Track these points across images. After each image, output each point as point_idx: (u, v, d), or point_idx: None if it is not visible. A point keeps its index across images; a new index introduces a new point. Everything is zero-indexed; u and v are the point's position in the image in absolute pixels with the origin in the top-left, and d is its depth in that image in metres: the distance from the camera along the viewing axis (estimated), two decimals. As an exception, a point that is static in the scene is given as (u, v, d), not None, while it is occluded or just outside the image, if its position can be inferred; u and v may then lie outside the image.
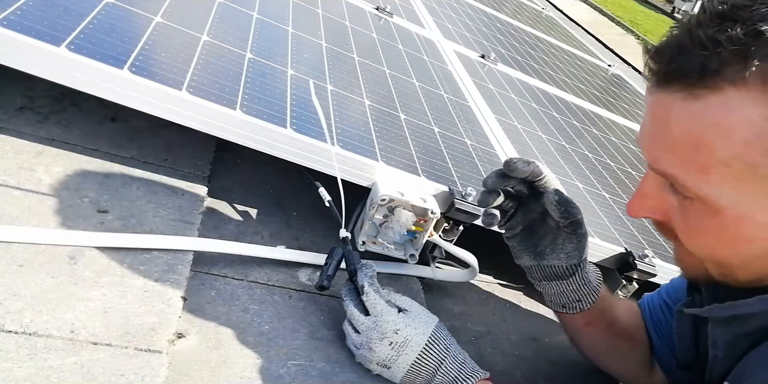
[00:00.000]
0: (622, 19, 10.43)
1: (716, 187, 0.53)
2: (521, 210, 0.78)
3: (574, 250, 0.75)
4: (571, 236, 0.75)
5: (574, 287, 0.78)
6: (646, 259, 1.04)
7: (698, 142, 0.52)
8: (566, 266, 0.76)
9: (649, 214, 0.61)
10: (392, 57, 1.47)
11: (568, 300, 0.79)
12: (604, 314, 0.82)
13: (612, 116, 2.01)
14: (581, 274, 0.77)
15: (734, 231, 0.55)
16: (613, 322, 0.83)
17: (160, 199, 0.84)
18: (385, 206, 0.88)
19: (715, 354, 0.65)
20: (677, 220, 0.59)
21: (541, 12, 3.51)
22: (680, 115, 0.52)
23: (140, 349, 0.62)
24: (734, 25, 0.48)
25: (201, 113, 0.83)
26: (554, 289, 0.79)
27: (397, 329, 0.71)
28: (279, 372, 0.69)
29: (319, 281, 0.78)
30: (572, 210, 0.73)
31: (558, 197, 0.73)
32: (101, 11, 0.91)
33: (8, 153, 0.79)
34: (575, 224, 0.74)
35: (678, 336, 0.74)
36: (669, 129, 0.53)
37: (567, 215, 0.73)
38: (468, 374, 0.72)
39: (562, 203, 0.73)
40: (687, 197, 0.56)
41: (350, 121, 1.02)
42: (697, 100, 0.51)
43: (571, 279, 0.77)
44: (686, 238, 0.59)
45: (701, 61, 0.50)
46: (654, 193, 0.60)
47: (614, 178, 1.42)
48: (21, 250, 0.67)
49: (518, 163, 0.73)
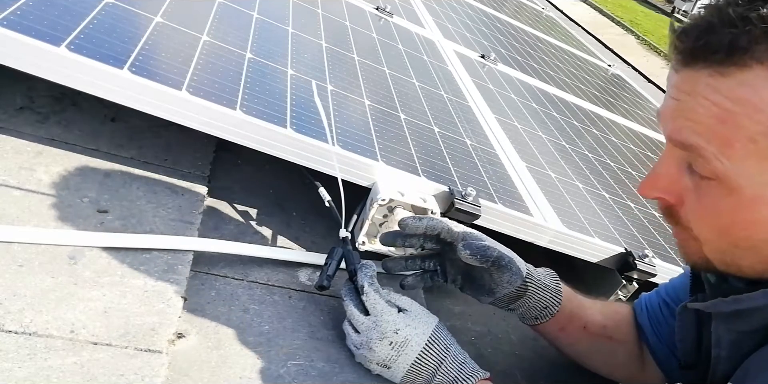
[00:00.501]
0: (622, 19, 10.43)
1: (737, 163, 0.52)
2: (447, 263, 0.83)
3: (513, 276, 0.78)
4: (500, 268, 0.78)
5: (536, 298, 0.80)
6: (646, 259, 1.04)
7: (725, 117, 0.51)
8: (515, 289, 0.79)
9: (662, 194, 0.60)
10: (392, 57, 1.47)
11: (537, 311, 0.81)
12: (575, 316, 0.83)
13: (612, 116, 2.01)
14: (535, 285, 0.80)
15: (749, 212, 0.54)
16: (588, 323, 0.84)
17: (160, 199, 0.84)
18: (385, 206, 0.88)
19: (718, 353, 0.64)
20: (690, 201, 0.58)
21: (541, 12, 3.51)
22: (707, 90, 0.52)
23: (140, 349, 0.62)
24: (765, 3, 0.48)
25: (201, 113, 0.83)
26: (522, 307, 0.81)
27: (397, 329, 0.71)
28: (279, 372, 0.69)
29: (319, 281, 0.78)
30: (487, 252, 0.77)
31: (468, 250, 0.76)
32: (101, 11, 0.91)
33: (8, 153, 0.79)
34: (497, 260, 0.77)
35: (680, 336, 0.73)
36: (695, 102, 0.53)
37: (486, 259, 0.76)
38: (468, 374, 0.72)
39: (474, 253, 0.76)
40: (704, 177, 0.55)
41: (350, 121, 1.02)
42: (725, 77, 0.50)
43: (528, 293, 0.80)
44: (697, 220, 0.58)
45: (730, 39, 0.49)
46: (669, 173, 0.59)
47: (614, 178, 1.42)
48: (21, 250, 0.67)
49: (408, 221, 0.78)
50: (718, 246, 0.58)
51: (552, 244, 1.01)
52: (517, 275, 0.78)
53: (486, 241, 0.78)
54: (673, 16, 12.12)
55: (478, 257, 0.76)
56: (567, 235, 1.01)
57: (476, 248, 0.76)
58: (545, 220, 1.02)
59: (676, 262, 1.12)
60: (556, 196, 1.14)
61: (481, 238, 0.79)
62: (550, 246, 1.02)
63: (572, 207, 1.13)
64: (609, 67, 2.82)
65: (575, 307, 0.83)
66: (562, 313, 0.82)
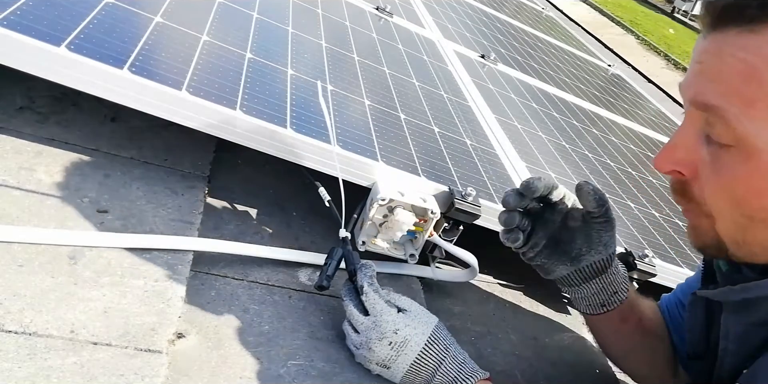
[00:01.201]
0: (622, 19, 10.43)
1: (758, 125, 0.51)
2: (538, 225, 0.78)
3: (611, 238, 0.75)
4: (604, 224, 0.75)
5: (611, 279, 0.77)
6: (646, 259, 1.04)
7: (750, 73, 0.51)
8: (605, 258, 0.76)
9: (678, 166, 0.59)
10: (392, 57, 1.47)
11: (606, 296, 0.78)
12: (634, 308, 0.81)
13: (612, 116, 2.01)
14: (614, 263, 0.77)
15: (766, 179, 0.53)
16: (643, 317, 0.82)
17: (160, 199, 0.84)
18: (385, 206, 0.88)
19: (725, 346, 0.64)
20: (706, 173, 0.57)
21: (541, 12, 3.50)
22: (734, 48, 0.52)
23: (140, 349, 0.62)
24: None
25: (201, 113, 0.83)
26: (592, 289, 0.78)
27: (396, 329, 0.72)
28: (279, 372, 0.69)
29: (319, 281, 0.78)
30: (604, 197, 0.73)
31: (592, 186, 0.73)
32: (101, 11, 0.91)
33: (8, 153, 0.79)
34: (607, 212, 0.74)
35: (689, 325, 0.73)
36: (720, 60, 0.53)
37: (602, 202, 0.73)
38: (468, 374, 0.72)
39: (596, 191, 0.73)
40: (723, 146, 0.54)
41: (350, 121, 1.02)
42: (754, 34, 0.50)
43: (608, 271, 0.77)
44: (712, 192, 0.57)
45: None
46: (685, 144, 0.58)
47: (614, 178, 1.42)
48: (21, 250, 0.67)
49: (536, 183, 0.73)
50: (732, 219, 0.57)
51: (552, 244, 1.01)
52: (614, 239, 0.75)
53: None
54: (673, 16, 12.12)
55: (598, 198, 0.72)
56: (567, 235, 1.01)
57: (597, 189, 0.73)
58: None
59: (676, 262, 1.12)
60: (556, 196, 1.14)
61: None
62: (550, 246, 1.01)
63: (572, 207, 1.13)
64: (609, 67, 2.82)
65: (633, 299, 0.81)
66: (625, 304, 0.79)
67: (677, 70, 8.74)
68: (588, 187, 0.73)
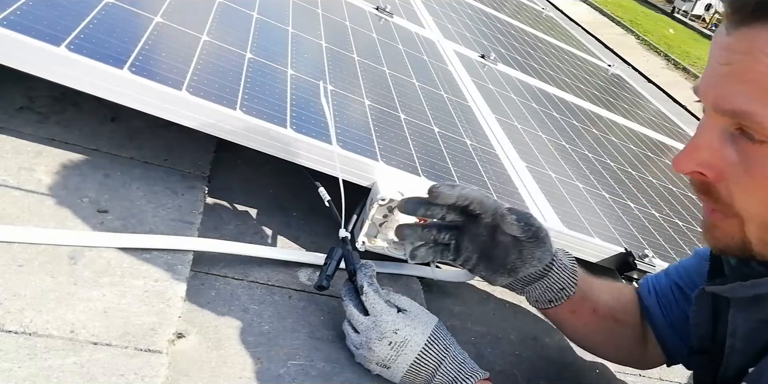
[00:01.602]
0: (622, 19, 10.44)
1: None
2: (466, 238, 0.78)
3: (545, 253, 0.75)
4: (535, 242, 0.75)
5: (555, 278, 0.78)
6: (646, 259, 1.04)
7: None
8: (543, 268, 0.77)
9: (701, 168, 0.56)
10: (392, 57, 1.47)
11: (552, 293, 0.79)
12: (586, 298, 0.81)
13: (612, 116, 2.01)
14: (558, 265, 0.78)
15: None
16: (598, 306, 0.82)
17: (160, 199, 0.84)
18: (385, 206, 0.88)
19: (733, 343, 0.63)
20: (734, 174, 0.55)
21: (541, 12, 3.50)
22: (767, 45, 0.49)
23: (140, 349, 0.62)
24: None
25: (201, 113, 0.83)
26: (538, 290, 0.79)
27: (396, 329, 0.71)
28: (279, 372, 0.69)
29: (319, 281, 0.78)
30: (530, 220, 0.73)
31: (515, 215, 0.73)
32: (101, 11, 0.91)
33: (8, 153, 0.79)
34: (537, 231, 0.74)
35: (695, 321, 0.72)
36: (753, 59, 0.50)
37: (528, 228, 0.73)
38: (467, 374, 0.72)
39: (520, 219, 0.73)
40: (756, 141, 0.52)
41: (350, 121, 1.02)
42: None
43: (550, 273, 0.77)
44: (743, 192, 0.55)
45: None
46: (710, 145, 0.55)
47: (614, 178, 1.42)
48: (21, 250, 0.67)
49: (441, 189, 0.72)
50: (764, 219, 0.55)
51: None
52: (549, 252, 0.75)
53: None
54: (674, 16, 12.12)
55: (523, 224, 0.72)
56: (567, 235, 1.01)
57: (522, 215, 0.73)
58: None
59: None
60: (556, 196, 1.14)
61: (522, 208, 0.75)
62: (550, 246, 1.01)
63: (572, 207, 1.13)
64: (609, 67, 2.82)
65: (587, 288, 0.81)
66: (575, 296, 0.79)
67: (677, 70, 8.75)
68: (510, 218, 0.72)
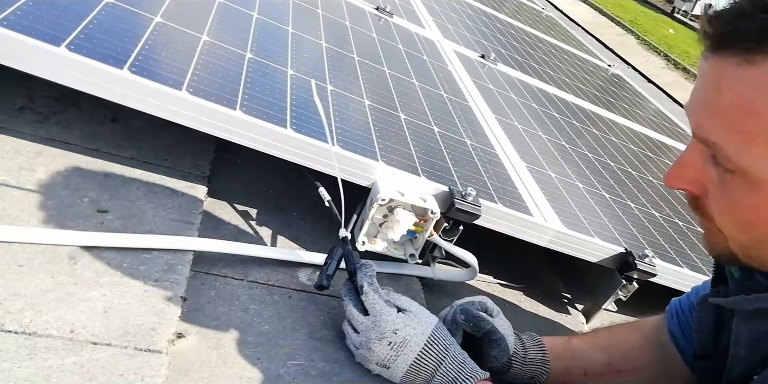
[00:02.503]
0: (622, 19, 10.43)
1: (759, 158, 0.51)
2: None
3: (500, 353, 0.80)
4: (490, 343, 0.79)
5: (522, 373, 0.82)
6: (646, 259, 1.04)
7: (747, 108, 0.50)
8: (500, 365, 0.80)
9: (686, 185, 0.59)
10: (392, 57, 1.47)
11: (525, 380, 0.83)
12: (571, 368, 0.84)
13: (612, 116, 2.01)
14: (520, 362, 0.81)
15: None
16: (588, 368, 0.85)
17: (160, 199, 0.84)
18: (385, 206, 0.88)
19: (737, 351, 0.63)
20: (714, 194, 0.57)
21: (541, 12, 3.50)
22: (732, 80, 0.50)
23: (140, 349, 0.62)
24: None
25: (201, 113, 0.83)
26: (510, 378, 0.82)
27: (396, 329, 0.71)
28: (279, 372, 0.69)
29: (319, 280, 0.78)
30: (480, 323, 0.79)
31: (464, 316, 0.79)
32: (101, 11, 0.91)
33: (8, 153, 0.79)
34: (488, 333, 0.79)
35: (697, 326, 0.73)
36: (719, 93, 0.52)
37: (477, 330, 0.79)
38: (467, 374, 0.72)
39: (468, 319, 0.79)
40: (727, 170, 0.54)
41: (350, 121, 1.02)
42: (753, 66, 0.49)
43: (511, 371, 0.81)
44: (720, 214, 0.57)
45: (761, 26, 0.48)
46: (694, 164, 0.57)
47: (614, 178, 1.42)
48: (21, 250, 0.67)
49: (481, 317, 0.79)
50: (741, 241, 0.57)
51: (552, 244, 1.01)
52: (504, 353, 0.80)
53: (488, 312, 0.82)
54: (674, 16, 12.12)
55: (471, 325, 0.79)
56: (567, 235, 1.01)
57: (472, 316, 0.79)
58: (545, 220, 1.02)
59: (676, 262, 1.12)
60: (556, 196, 1.14)
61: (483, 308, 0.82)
62: (550, 246, 1.02)
63: (572, 207, 1.13)
64: (609, 67, 2.82)
65: (569, 359, 0.84)
66: (556, 372, 0.83)
67: (677, 70, 8.74)
68: (460, 317, 0.80)
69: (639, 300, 1.03)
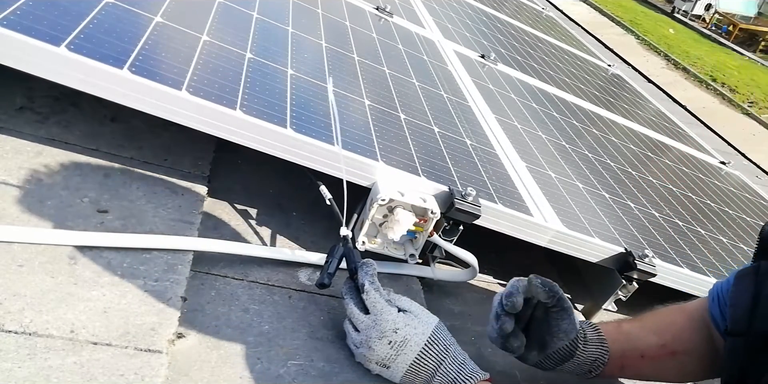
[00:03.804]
0: (622, 19, 10.42)
1: None
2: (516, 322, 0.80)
3: (570, 324, 0.78)
4: (560, 312, 0.77)
5: (585, 356, 0.80)
6: (646, 259, 1.04)
7: None
8: (568, 345, 0.78)
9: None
10: (392, 57, 1.47)
11: (588, 365, 0.81)
12: (627, 351, 0.83)
13: (612, 116, 2.01)
14: (583, 344, 0.79)
15: None
16: (644, 351, 0.84)
17: (160, 199, 0.84)
18: (385, 206, 0.88)
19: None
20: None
21: (541, 12, 3.50)
22: None
23: (140, 349, 0.62)
24: None
25: (201, 113, 0.83)
26: (571, 366, 0.80)
27: (396, 328, 0.71)
28: (279, 372, 0.69)
29: (320, 279, 0.78)
30: (555, 288, 0.77)
31: (540, 280, 0.76)
32: (101, 11, 0.91)
33: (8, 153, 0.79)
34: (561, 300, 0.77)
35: (733, 301, 0.73)
36: None
37: (553, 294, 0.76)
38: (468, 375, 0.72)
39: (545, 284, 0.76)
40: None
41: (350, 120, 1.02)
42: None
43: (577, 352, 0.79)
44: None
45: None
46: None
47: (614, 178, 1.42)
48: (21, 250, 0.67)
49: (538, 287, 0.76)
50: None
51: (552, 244, 1.01)
52: (573, 325, 0.78)
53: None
54: (674, 16, 12.10)
55: (547, 289, 0.76)
56: (567, 235, 1.01)
57: (547, 282, 0.77)
58: (545, 220, 1.02)
59: (676, 262, 1.12)
60: (556, 196, 1.14)
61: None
62: (550, 246, 1.02)
63: (572, 207, 1.13)
64: (609, 67, 2.82)
65: (624, 343, 0.83)
66: (614, 356, 0.81)
67: (677, 70, 8.74)
68: (536, 281, 0.76)
69: (639, 300, 1.03)
